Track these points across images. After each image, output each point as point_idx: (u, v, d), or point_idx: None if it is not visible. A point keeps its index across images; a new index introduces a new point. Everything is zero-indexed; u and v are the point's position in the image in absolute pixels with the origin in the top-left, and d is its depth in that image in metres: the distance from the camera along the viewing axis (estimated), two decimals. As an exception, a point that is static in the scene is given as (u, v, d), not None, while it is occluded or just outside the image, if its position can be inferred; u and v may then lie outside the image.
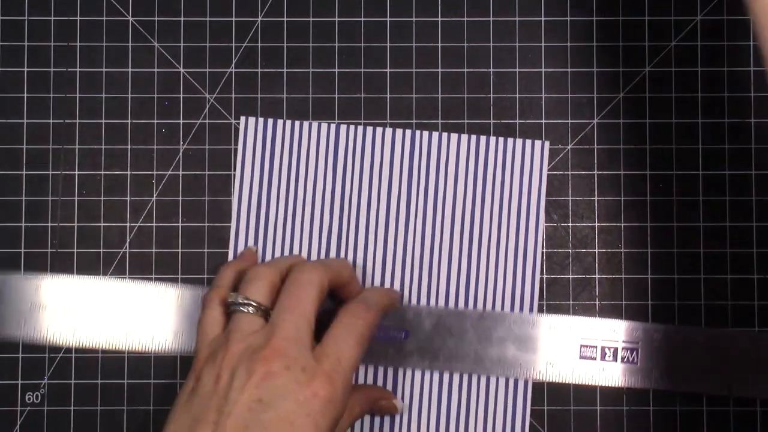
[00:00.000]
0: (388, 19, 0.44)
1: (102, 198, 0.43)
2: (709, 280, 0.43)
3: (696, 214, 0.43)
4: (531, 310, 0.42)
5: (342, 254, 0.42)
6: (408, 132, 0.43)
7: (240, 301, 0.36)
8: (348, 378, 0.35)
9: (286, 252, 0.42)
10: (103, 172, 0.43)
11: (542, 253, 0.43)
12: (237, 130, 0.43)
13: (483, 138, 0.43)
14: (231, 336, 0.35)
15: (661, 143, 0.43)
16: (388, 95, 0.43)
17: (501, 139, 0.43)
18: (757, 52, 0.42)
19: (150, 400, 0.42)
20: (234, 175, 0.43)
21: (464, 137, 0.43)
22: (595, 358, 0.42)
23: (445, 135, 0.43)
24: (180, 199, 0.43)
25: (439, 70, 0.43)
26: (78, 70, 0.43)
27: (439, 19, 0.44)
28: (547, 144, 0.43)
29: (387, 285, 0.42)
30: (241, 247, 0.43)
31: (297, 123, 0.43)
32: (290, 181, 0.43)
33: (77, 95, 0.43)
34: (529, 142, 0.43)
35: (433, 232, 0.42)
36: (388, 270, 0.42)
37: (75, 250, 0.43)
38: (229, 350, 0.35)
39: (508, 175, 0.42)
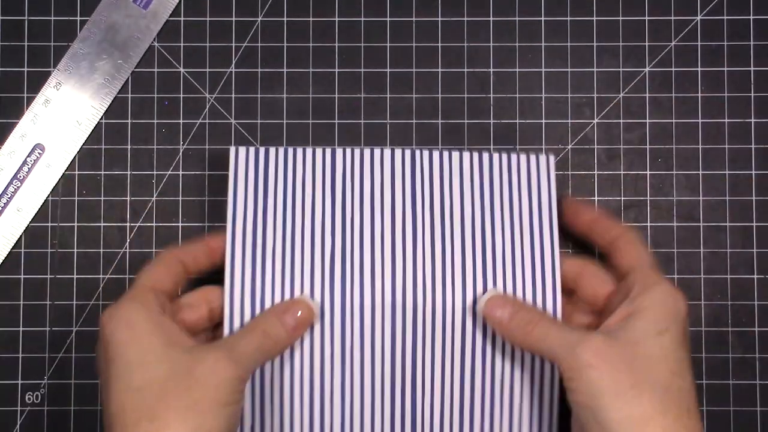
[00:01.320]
0: (388, 19, 0.44)
1: (102, 198, 0.43)
2: (709, 280, 0.43)
3: (696, 214, 0.43)
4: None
5: (348, 279, 0.39)
6: (408, 152, 0.41)
7: None
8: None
9: (287, 281, 0.39)
10: (103, 172, 0.43)
11: (560, 269, 0.39)
12: (237, 129, 0.43)
13: (486, 155, 0.40)
14: None
15: (662, 143, 0.43)
16: (388, 95, 0.43)
17: (504, 156, 0.41)
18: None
19: (150, 400, 0.42)
20: (227, 202, 0.40)
21: (466, 155, 0.40)
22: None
23: (446, 153, 0.41)
24: (180, 199, 0.43)
25: (439, 70, 0.43)
26: (78, 70, 0.43)
27: (439, 19, 0.43)
28: (552, 158, 0.41)
29: (399, 307, 0.39)
30: (238, 278, 0.39)
31: (291, 150, 0.40)
32: (287, 209, 0.40)
33: (77, 95, 0.43)
34: (533, 157, 0.41)
35: (443, 251, 0.40)
36: (398, 292, 0.39)
37: (75, 250, 0.43)
38: None
39: (516, 193, 0.40)
